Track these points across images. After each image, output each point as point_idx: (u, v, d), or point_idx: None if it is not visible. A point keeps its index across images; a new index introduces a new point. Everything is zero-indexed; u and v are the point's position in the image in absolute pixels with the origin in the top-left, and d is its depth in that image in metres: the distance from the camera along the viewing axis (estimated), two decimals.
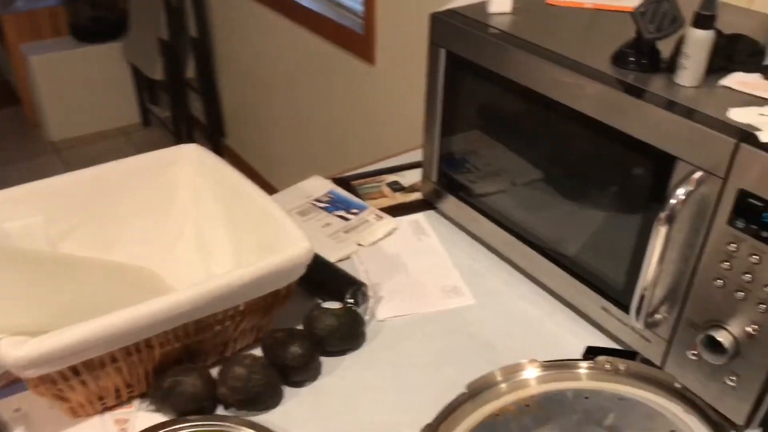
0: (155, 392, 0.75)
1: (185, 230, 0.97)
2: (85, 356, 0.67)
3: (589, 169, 0.80)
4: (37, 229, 0.85)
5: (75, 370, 0.68)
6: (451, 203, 1.06)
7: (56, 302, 0.71)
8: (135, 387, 0.77)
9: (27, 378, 0.66)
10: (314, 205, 1.13)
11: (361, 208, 1.12)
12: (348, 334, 0.86)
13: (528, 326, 0.91)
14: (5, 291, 0.68)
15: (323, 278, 0.93)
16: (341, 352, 0.86)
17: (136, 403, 0.78)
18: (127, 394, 0.77)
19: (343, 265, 0.98)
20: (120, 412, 0.77)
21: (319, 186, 1.17)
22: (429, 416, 0.68)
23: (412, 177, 1.20)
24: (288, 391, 0.81)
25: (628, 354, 0.83)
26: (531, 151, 0.88)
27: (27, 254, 0.77)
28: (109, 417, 0.76)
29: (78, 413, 0.75)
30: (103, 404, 0.76)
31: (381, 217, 1.09)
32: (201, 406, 0.75)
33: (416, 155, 1.24)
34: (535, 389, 0.71)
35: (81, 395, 0.72)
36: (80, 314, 0.67)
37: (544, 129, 0.85)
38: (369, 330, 0.90)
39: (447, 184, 1.05)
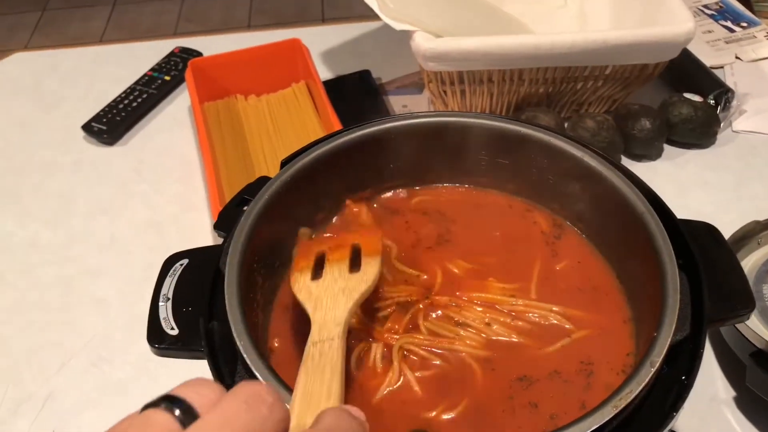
0: None
1: None
2: (473, 66, 0.79)
3: None
4: None
5: (461, 77, 0.82)
6: None
7: (460, 18, 0.83)
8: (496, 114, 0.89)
9: (428, 71, 0.81)
10: (701, 10, 1.08)
11: (752, 23, 1.04)
12: (700, 129, 0.86)
13: None
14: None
15: (690, 73, 0.93)
16: (686, 145, 0.88)
17: None
18: None
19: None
20: None
21: None
22: None
23: None
24: (624, 162, 0.86)
25: None
26: None
27: None
28: None
29: None
30: None
31: None
32: None
33: None
34: None
35: (455, 104, 0.86)
36: (474, 32, 0.79)
37: None
38: (721, 136, 0.89)
39: None
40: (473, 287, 0.52)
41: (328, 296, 0.43)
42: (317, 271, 0.46)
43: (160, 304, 0.44)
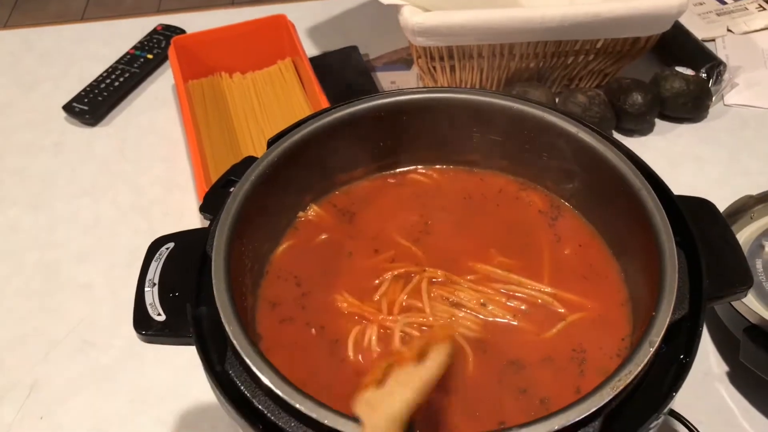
0: None
1: None
2: (462, 41, 0.78)
3: None
4: None
5: (450, 52, 0.80)
6: None
7: None
8: None
9: (416, 46, 0.79)
10: None
11: None
12: (692, 103, 0.85)
13: None
14: None
15: (682, 46, 0.92)
16: (678, 120, 0.87)
17: None
18: None
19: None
20: None
21: None
22: None
23: None
24: (616, 137, 0.85)
25: None
26: None
27: None
28: None
29: None
30: None
31: (764, 8, 1.00)
32: None
33: None
34: None
35: (444, 80, 0.85)
36: (463, 6, 0.77)
37: None
38: (713, 110, 0.88)
39: None
40: (471, 260, 0.51)
41: (384, 394, 0.37)
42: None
43: (146, 289, 0.43)
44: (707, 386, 0.62)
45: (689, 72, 0.86)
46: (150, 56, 0.97)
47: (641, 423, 0.34)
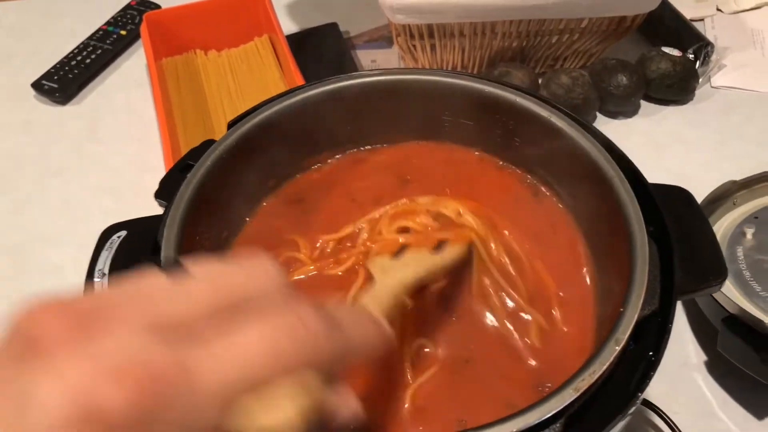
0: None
1: None
2: (443, 18, 0.75)
3: None
4: None
5: (430, 31, 0.77)
6: None
7: None
8: (468, 70, 0.85)
9: (395, 23, 0.76)
10: None
11: None
12: (678, 85, 0.83)
13: None
14: None
15: (669, 26, 0.90)
16: (664, 102, 0.85)
17: None
18: None
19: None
20: None
21: None
22: None
23: None
24: (600, 119, 0.83)
25: None
26: None
27: None
28: None
29: None
30: None
31: None
32: None
33: None
34: None
35: (425, 60, 0.82)
36: None
37: None
38: (699, 92, 0.86)
39: None
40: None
41: (399, 264, 0.41)
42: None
43: (96, 280, 0.41)
44: (684, 376, 0.61)
45: (676, 53, 0.84)
46: (123, 32, 0.94)
47: (605, 424, 0.33)
